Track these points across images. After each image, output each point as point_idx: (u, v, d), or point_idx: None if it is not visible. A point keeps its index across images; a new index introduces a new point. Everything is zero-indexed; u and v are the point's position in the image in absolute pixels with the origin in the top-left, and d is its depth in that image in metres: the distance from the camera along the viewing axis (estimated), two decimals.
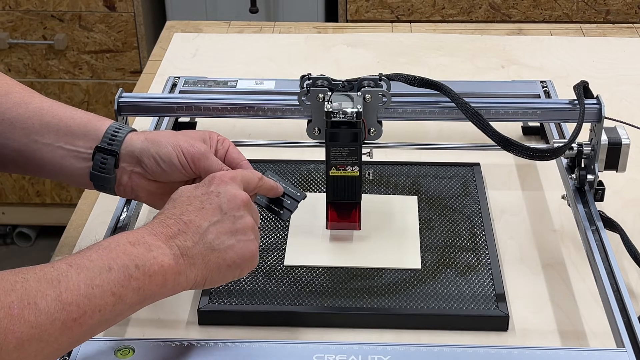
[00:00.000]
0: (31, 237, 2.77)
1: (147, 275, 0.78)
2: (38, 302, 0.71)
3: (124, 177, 0.95)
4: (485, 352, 0.85)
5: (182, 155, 0.92)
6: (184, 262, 0.81)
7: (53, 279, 0.73)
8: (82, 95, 2.47)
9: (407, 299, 0.97)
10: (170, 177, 0.94)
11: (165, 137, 0.94)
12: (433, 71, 1.50)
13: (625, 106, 1.39)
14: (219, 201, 0.85)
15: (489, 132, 1.01)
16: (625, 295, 0.91)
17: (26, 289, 0.72)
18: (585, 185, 1.08)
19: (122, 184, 0.95)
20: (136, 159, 0.94)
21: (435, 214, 1.11)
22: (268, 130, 1.32)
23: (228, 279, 0.85)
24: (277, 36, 1.64)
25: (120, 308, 0.77)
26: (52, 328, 0.72)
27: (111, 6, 2.34)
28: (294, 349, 0.85)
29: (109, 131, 0.94)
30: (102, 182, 0.95)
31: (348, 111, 1.00)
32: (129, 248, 0.79)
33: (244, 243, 0.85)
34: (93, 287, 0.75)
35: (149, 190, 0.96)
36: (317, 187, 1.16)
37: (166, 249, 0.80)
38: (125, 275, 0.77)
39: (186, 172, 0.93)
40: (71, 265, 0.75)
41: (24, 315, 0.70)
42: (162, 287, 0.80)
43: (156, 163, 0.93)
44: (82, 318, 0.74)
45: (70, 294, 0.73)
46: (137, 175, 0.95)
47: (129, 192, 0.96)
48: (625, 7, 2.23)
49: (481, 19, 2.26)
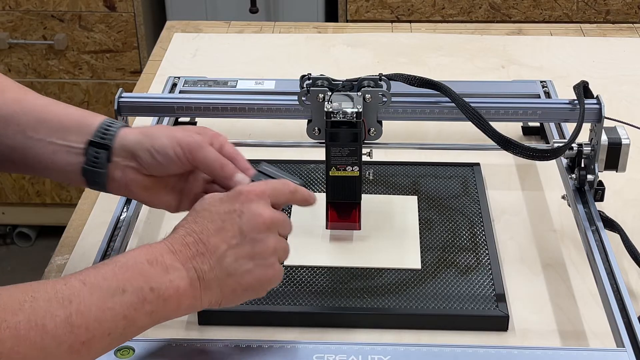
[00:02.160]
0: (31, 237, 2.77)
1: (162, 299, 0.77)
2: (46, 323, 0.70)
3: (117, 172, 0.92)
4: (485, 352, 0.85)
5: (177, 146, 0.90)
6: (199, 286, 0.80)
7: (64, 299, 0.72)
8: (82, 95, 2.47)
9: (407, 299, 0.97)
10: (166, 170, 0.92)
11: (160, 130, 0.93)
12: (433, 71, 1.50)
13: (625, 106, 1.39)
14: (240, 222, 0.83)
15: (489, 132, 1.01)
16: (625, 295, 0.91)
17: (35, 309, 0.71)
18: (585, 185, 1.08)
19: (115, 180, 0.93)
20: (130, 153, 0.92)
21: (435, 214, 1.11)
22: (268, 130, 1.32)
23: (244, 300, 0.84)
24: (277, 36, 1.64)
25: (130, 331, 0.76)
26: (58, 351, 0.71)
27: (111, 6, 2.34)
28: (294, 349, 0.85)
29: (102, 126, 0.93)
30: (94, 177, 0.92)
31: (348, 111, 1.00)
32: (145, 268, 0.78)
33: (262, 268, 0.83)
34: (105, 310, 0.74)
35: (143, 186, 0.93)
36: (317, 187, 1.16)
37: (183, 272, 0.79)
38: (139, 299, 0.76)
39: (182, 164, 0.91)
40: (85, 283, 0.74)
41: (30, 337, 0.69)
42: (175, 311, 0.79)
43: (151, 156, 0.91)
44: (90, 342, 0.73)
45: (81, 317, 0.72)
46: (131, 170, 0.92)
47: (122, 188, 0.93)
48: (625, 7, 2.23)
49: (481, 19, 2.26)
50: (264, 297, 0.96)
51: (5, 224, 2.74)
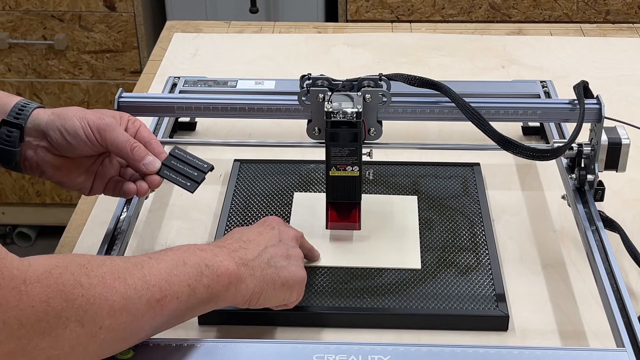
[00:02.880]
0: (31, 237, 2.77)
1: (216, 275, 0.83)
2: (127, 278, 0.76)
3: (29, 151, 0.95)
4: (485, 352, 0.85)
5: (87, 127, 0.93)
6: (245, 270, 0.86)
7: (137, 264, 0.79)
8: (82, 95, 2.47)
9: (407, 299, 0.97)
10: (76, 150, 0.94)
11: (72, 111, 0.95)
12: (433, 71, 1.50)
13: (625, 106, 1.39)
14: (274, 232, 0.94)
15: (489, 132, 1.01)
16: (625, 295, 0.91)
17: (115, 266, 0.77)
18: (585, 185, 1.08)
19: (27, 159, 0.95)
20: (42, 133, 0.94)
21: (435, 214, 1.11)
22: (268, 130, 1.32)
23: (279, 299, 0.91)
24: (277, 36, 1.64)
25: (192, 301, 0.82)
26: (139, 303, 0.77)
27: (111, 6, 2.34)
28: (294, 349, 0.85)
29: (17, 106, 0.94)
30: (7, 155, 0.94)
31: (348, 111, 1.00)
32: (198, 251, 0.85)
33: (296, 267, 0.91)
34: (172, 276, 0.80)
35: (54, 165, 0.96)
36: (317, 187, 1.16)
37: (229, 258, 0.86)
38: (197, 271, 0.82)
39: (92, 145, 0.94)
40: (150, 257, 0.81)
41: (116, 286, 0.75)
42: (226, 290, 0.85)
43: (61, 136, 0.93)
44: (163, 300, 0.79)
45: (154, 277, 0.79)
46: (42, 149, 0.95)
47: (34, 167, 0.96)
48: (625, 7, 2.23)
49: (481, 19, 2.26)
50: None
51: (5, 224, 2.74)
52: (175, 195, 1.18)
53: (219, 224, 1.09)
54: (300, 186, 1.16)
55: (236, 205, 1.13)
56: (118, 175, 0.99)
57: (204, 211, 1.15)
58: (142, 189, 0.97)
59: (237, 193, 1.15)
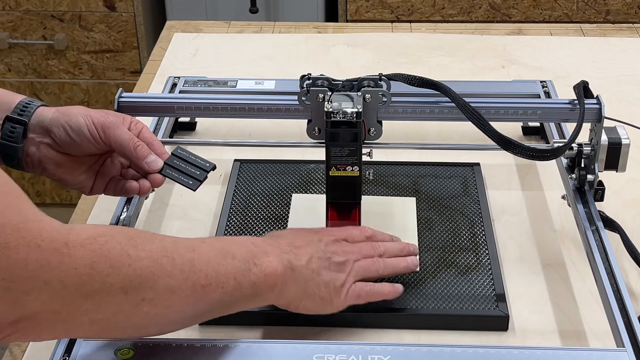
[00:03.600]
0: None
1: (263, 274, 0.83)
2: (175, 257, 0.76)
3: (32, 148, 0.95)
4: (485, 352, 0.85)
5: (92, 124, 0.93)
6: (291, 274, 0.86)
7: (188, 246, 0.79)
8: (82, 95, 2.47)
9: (407, 299, 0.97)
10: (80, 147, 0.94)
11: (76, 109, 0.96)
12: (433, 71, 1.50)
13: (625, 106, 1.39)
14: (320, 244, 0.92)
15: (489, 132, 1.01)
16: (625, 295, 0.91)
17: (164, 244, 0.77)
18: (585, 185, 1.08)
19: (29, 155, 0.95)
20: (45, 130, 0.94)
21: (435, 214, 1.11)
22: (268, 130, 1.32)
23: (314, 309, 0.90)
24: (277, 36, 1.64)
25: (236, 295, 0.82)
26: (185, 285, 0.76)
27: (111, 6, 2.34)
28: (294, 349, 0.85)
29: (21, 103, 0.95)
30: (9, 151, 0.94)
31: (348, 111, 1.00)
32: (250, 246, 0.85)
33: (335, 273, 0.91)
34: (220, 265, 0.80)
35: (56, 162, 0.95)
36: (317, 187, 1.16)
37: (279, 259, 0.86)
38: (245, 267, 0.82)
39: (96, 143, 0.94)
40: (204, 241, 0.82)
41: (163, 263, 0.75)
42: (270, 290, 0.85)
43: (66, 132, 0.94)
44: (208, 287, 0.78)
45: (202, 263, 0.78)
46: (45, 146, 0.95)
47: (36, 164, 0.96)
48: (625, 7, 2.23)
49: (481, 19, 2.26)
50: None
51: None
52: (175, 196, 1.18)
53: (219, 224, 1.09)
54: (300, 186, 1.16)
55: (236, 205, 1.13)
56: (119, 175, 0.99)
57: (203, 211, 1.15)
58: (145, 187, 0.97)
59: (237, 193, 1.15)
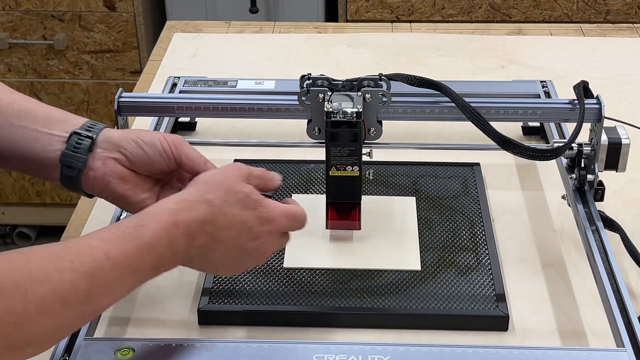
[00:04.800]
0: (31, 237, 2.77)
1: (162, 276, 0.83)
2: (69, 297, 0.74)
3: (97, 162, 0.92)
4: (485, 352, 0.85)
5: (164, 139, 0.93)
6: None
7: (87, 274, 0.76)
8: (82, 95, 2.47)
9: (407, 299, 0.97)
10: (151, 161, 0.93)
11: (144, 130, 0.97)
12: (433, 71, 1.50)
13: (625, 106, 1.39)
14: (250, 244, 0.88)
15: (489, 132, 1.01)
16: (625, 295, 0.91)
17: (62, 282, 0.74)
18: (585, 185, 1.08)
19: (93, 169, 0.92)
20: (115, 145, 0.93)
21: (435, 214, 1.11)
22: (268, 130, 1.32)
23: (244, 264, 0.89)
24: (277, 36, 1.64)
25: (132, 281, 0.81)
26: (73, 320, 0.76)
27: (111, 6, 2.34)
28: (294, 349, 0.85)
29: (88, 122, 0.95)
30: (72, 163, 0.92)
31: (348, 111, 1.00)
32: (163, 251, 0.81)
33: None
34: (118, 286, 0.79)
35: (122, 177, 0.93)
36: (317, 187, 1.16)
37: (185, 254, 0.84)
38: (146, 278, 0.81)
39: (167, 158, 0.93)
40: (108, 258, 0.78)
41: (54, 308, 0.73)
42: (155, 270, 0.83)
43: (138, 146, 0.93)
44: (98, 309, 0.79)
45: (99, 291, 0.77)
46: (112, 160, 0.93)
47: (99, 179, 0.93)
48: (625, 7, 2.23)
49: (481, 19, 2.26)
50: (264, 297, 0.96)
51: (5, 224, 2.74)
52: None
53: None
54: (300, 186, 1.16)
55: None
56: None
57: None
58: None
59: None
